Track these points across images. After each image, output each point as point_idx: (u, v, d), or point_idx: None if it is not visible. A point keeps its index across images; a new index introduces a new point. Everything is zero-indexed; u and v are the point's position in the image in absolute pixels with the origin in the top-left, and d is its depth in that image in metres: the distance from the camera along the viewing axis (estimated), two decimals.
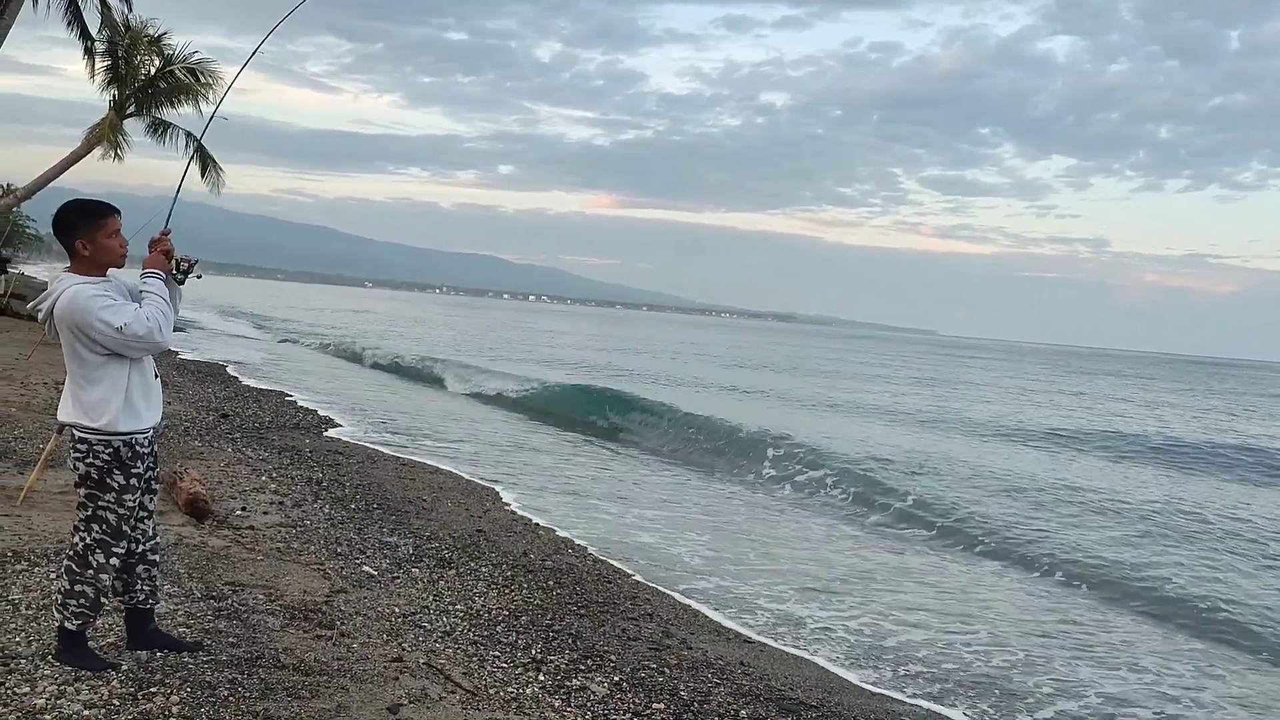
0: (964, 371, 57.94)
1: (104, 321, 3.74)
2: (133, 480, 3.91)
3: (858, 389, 35.03)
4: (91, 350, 3.80)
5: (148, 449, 3.99)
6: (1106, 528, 11.82)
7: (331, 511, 7.94)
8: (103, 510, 3.89)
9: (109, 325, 3.74)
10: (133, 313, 3.79)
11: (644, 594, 7.04)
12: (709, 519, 10.49)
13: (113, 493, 3.88)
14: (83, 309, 3.75)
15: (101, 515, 3.89)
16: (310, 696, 4.04)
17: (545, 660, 5.15)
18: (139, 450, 3.92)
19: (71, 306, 3.76)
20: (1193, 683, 6.61)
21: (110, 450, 3.85)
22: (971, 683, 6.15)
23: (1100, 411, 32.49)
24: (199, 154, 27.92)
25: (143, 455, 3.95)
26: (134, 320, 3.77)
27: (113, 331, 3.74)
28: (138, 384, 3.91)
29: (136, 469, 3.92)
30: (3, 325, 21.56)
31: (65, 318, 3.78)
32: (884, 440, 18.82)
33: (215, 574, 5.61)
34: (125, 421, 3.85)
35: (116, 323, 3.74)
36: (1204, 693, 6.44)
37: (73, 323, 3.77)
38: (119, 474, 3.87)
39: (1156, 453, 20.82)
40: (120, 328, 3.74)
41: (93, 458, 3.85)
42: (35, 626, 4.32)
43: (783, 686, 5.46)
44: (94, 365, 3.82)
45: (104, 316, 3.74)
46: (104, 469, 3.86)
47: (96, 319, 3.74)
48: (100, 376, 3.83)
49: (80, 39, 26.83)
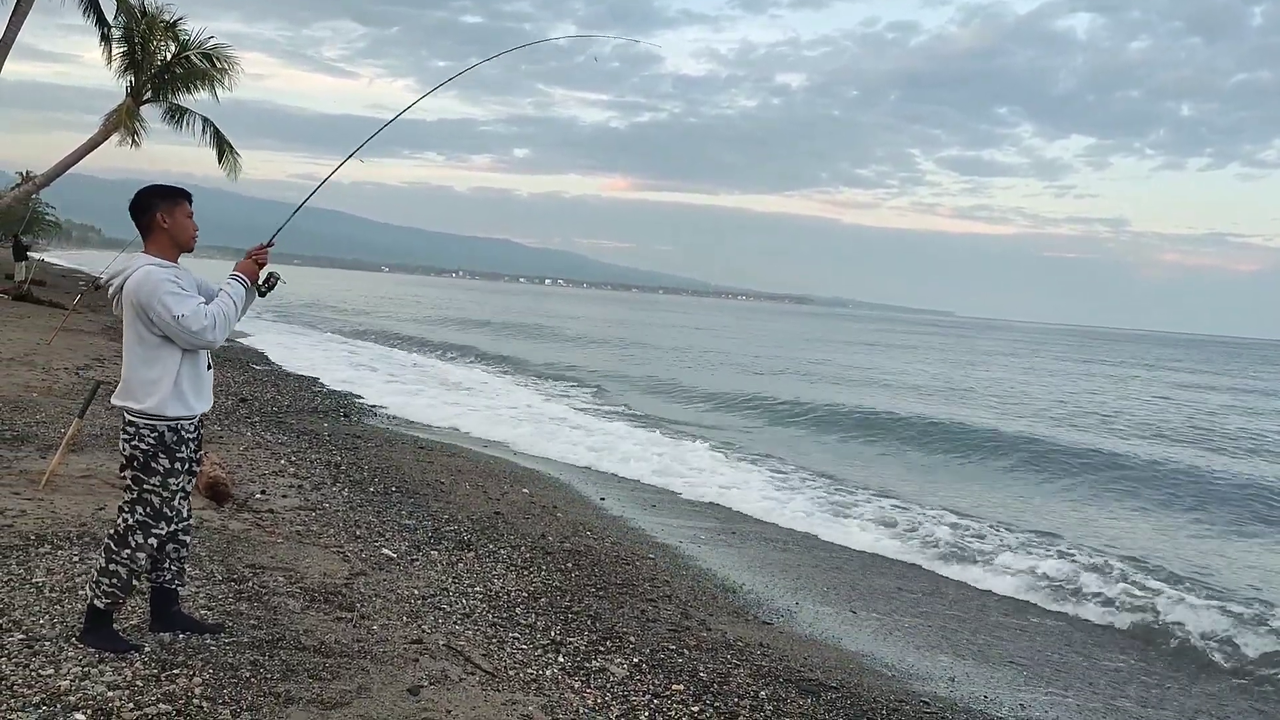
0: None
1: (165, 306, 3.83)
2: (178, 464, 3.99)
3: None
4: (150, 330, 3.89)
5: (193, 434, 4.07)
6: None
7: (350, 495, 7.97)
8: (148, 493, 3.96)
9: (168, 310, 3.83)
10: (194, 306, 3.88)
11: (662, 575, 7.04)
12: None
13: (158, 476, 3.95)
14: (150, 289, 3.85)
15: (146, 498, 3.96)
16: (331, 678, 4.07)
17: (564, 642, 5.16)
18: (184, 436, 4.00)
19: (140, 285, 3.86)
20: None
21: (155, 435, 3.92)
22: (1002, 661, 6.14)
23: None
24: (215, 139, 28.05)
25: (187, 440, 4.02)
26: (193, 314, 3.86)
27: (170, 318, 3.83)
28: (188, 372, 3.98)
29: (181, 454, 4.00)
30: (24, 311, 21.70)
31: (133, 294, 3.88)
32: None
33: (236, 557, 5.64)
34: (173, 407, 3.93)
35: (176, 310, 3.83)
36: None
37: (138, 300, 3.86)
38: (164, 458, 3.94)
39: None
40: (178, 316, 3.83)
41: (139, 441, 3.92)
42: (59, 609, 4.35)
43: (802, 668, 5.46)
44: (150, 345, 3.90)
45: (166, 301, 3.84)
46: (149, 452, 3.93)
47: (159, 301, 3.83)
48: (154, 358, 3.91)
49: (97, 26, 26.94)
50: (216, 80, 26.67)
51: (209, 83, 26.70)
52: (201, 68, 26.57)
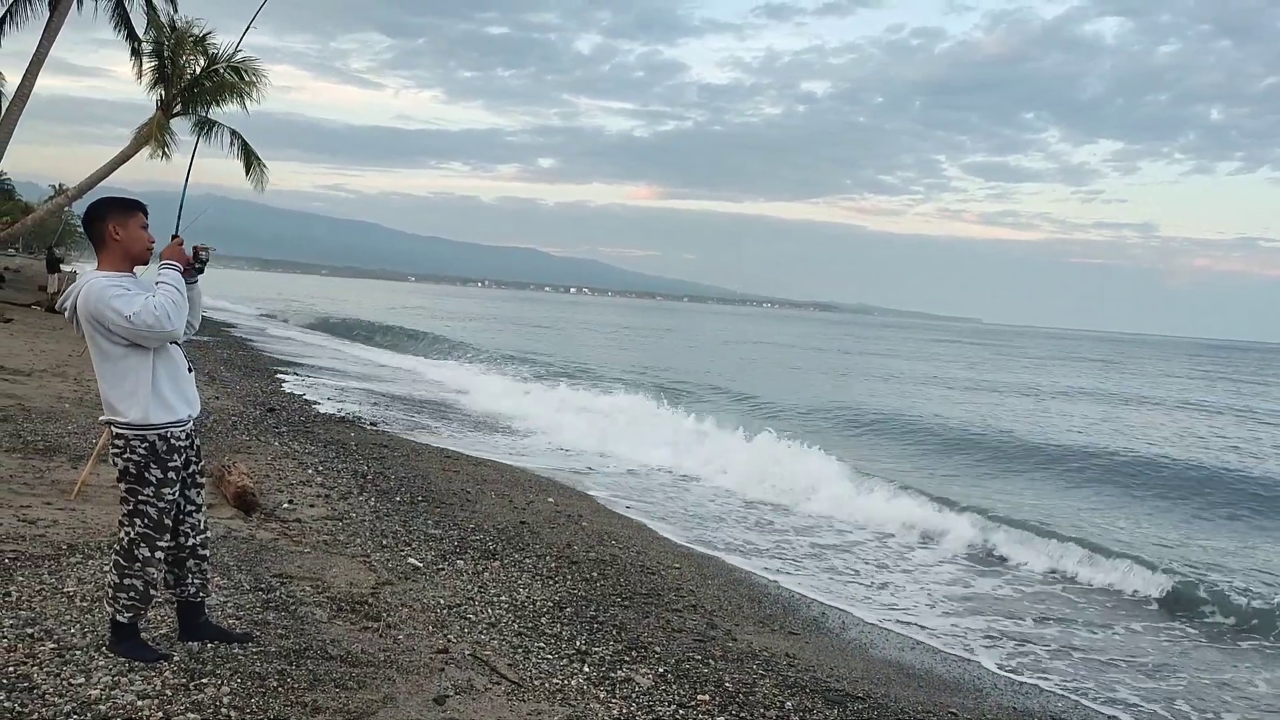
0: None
1: (115, 310, 3.81)
2: (170, 474, 3.97)
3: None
4: (111, 340, 3.88)
5: (185, 442, 4.04)
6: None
7: (377, 504, 8.01)
8: (143, 504, 3.95)
9: (119, 314, 3.81)
10: (143, 301, 3.84)
11: (688, 585, 7.02)
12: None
13: (151, 487, 3.94)
14: (96, 298, 3.83)
15: (143, 509, 3.96)
16: (357, 687, 4.08)
17: (590, 651, 5.15)
18: (174, 444, 3.98)
19: (88, 297, 3.86)
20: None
21: (146, 445, 3.91)
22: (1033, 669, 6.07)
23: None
24: (244, 151, 28.36)
25: (179, 449, 4.00)
26: (143, 309, 3.82)
27: (123, 320, 3.81)
28: (165, 375, 3.96)
29: (174, 462, 3.98)
30: (57, 323, 21.98)
31: (83, 309, 3.88)
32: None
33: (263, 566, 5.68)
34: (156, 413, 3.91)
35: (126, 311, 3.80)
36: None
37: (89, 313, 3.86)
38: (156, 468, 3.93)
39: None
40: (130, 316, 3.80)
41: (130, 453, 3.91)
42: (90, 618, 4.39)
43: (829, 678, 5.42)
44: (116, 357, 3.90)
45: (115, 305, 3.81)
46: (141, 464, 3.92)
47: (109, 307, 3.81)
48: (124, 369, 3.90)
49: (127, 40, 27.33)
50: (245, 93, 26.99)
51: (237, 95, 27.01)
52: (230, 81, 26.89)
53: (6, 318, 20.00)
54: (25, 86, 24.50)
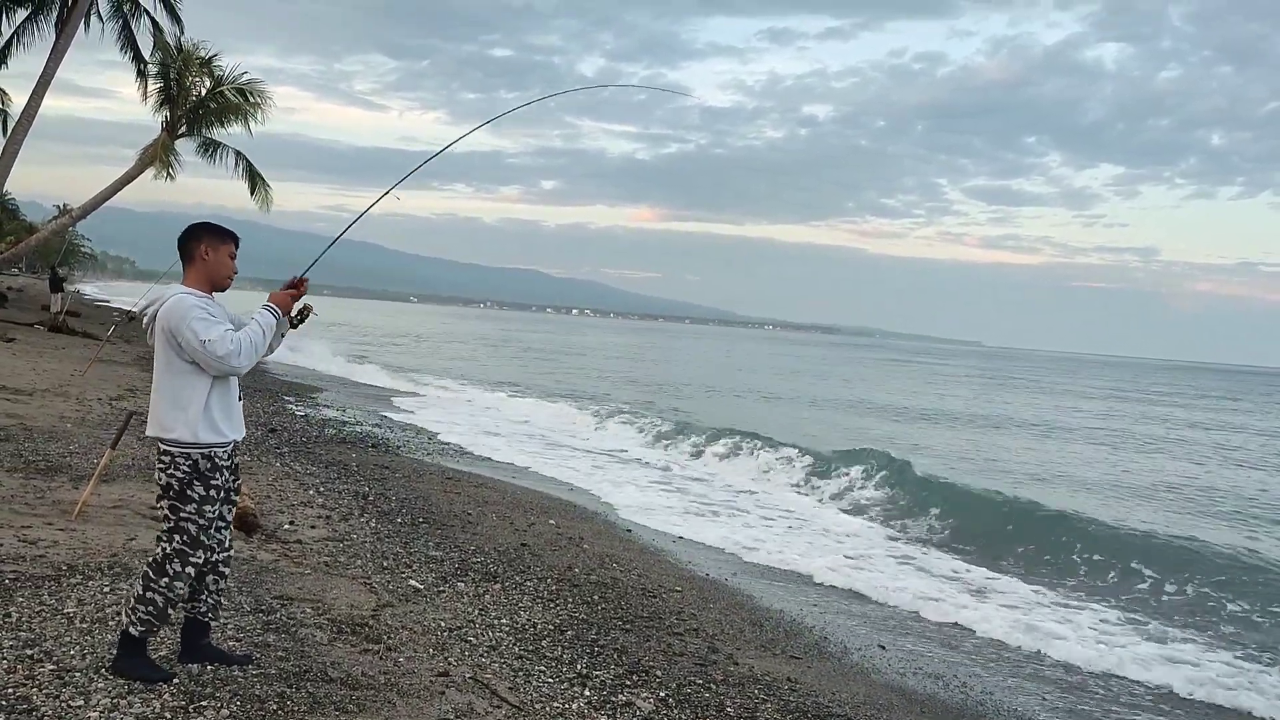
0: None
1: (193, 331, 3.90)
2: (212, 492, 4.03)
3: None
4: (180, 356, 3.96)
5: (227, 462, 4.11)
6: None
7: (378, 526, 7.99)
8: (184, 521, 4.00)
9: (196, 335, 3.89)
10: (221, 331, 3.94)
11: (689, 608, 6.99)
12: None
13: (193, 504, 3.99)
14: (180, 314, 3.92)
15: (183, 526, 4.00)
16: (357, 710, 4.06)
17: (590, 675, 5.12)
18: (218, 463, 4.05)
19: (172, 311, 3.95)
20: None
21: (190, 463, 3.97)
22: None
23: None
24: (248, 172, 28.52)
25: (222, 468, 4.07)
26: (219, 339, 3.91)
27: (197, 343, 3.89)
28: (218, 400, 4.04)
29: (216, 481, 4.04)
30: (60, 342, 22.04)
31: (164, 320, 3.96)
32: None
33: (264, 588, 5.66)
34: (205, 433, 3.98)
35: (203, 336, 3.90)
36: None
37: (169, 326, 3.94)
38: (199, 485, 3.99)
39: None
40: (205, 341, 3.89)
41: (174, 469, 3.97)
42: (89, 640, 4.38)
43: (831, 704, 5.39)
44: (179, 372, 3.97)
45: (194, 326, 3.90)
46: (185, 480, 3.97)
47: (188, 326, 3.90)
48: (183, 385, 3.97)
49: (133, 62, 27.55)
50: (249, 114, 27.18)
51: (242, 117, 27.20)
52: (235, 102, 27.09)
53: (9, 337, 20.05)
54: (31, 107, 24.67)
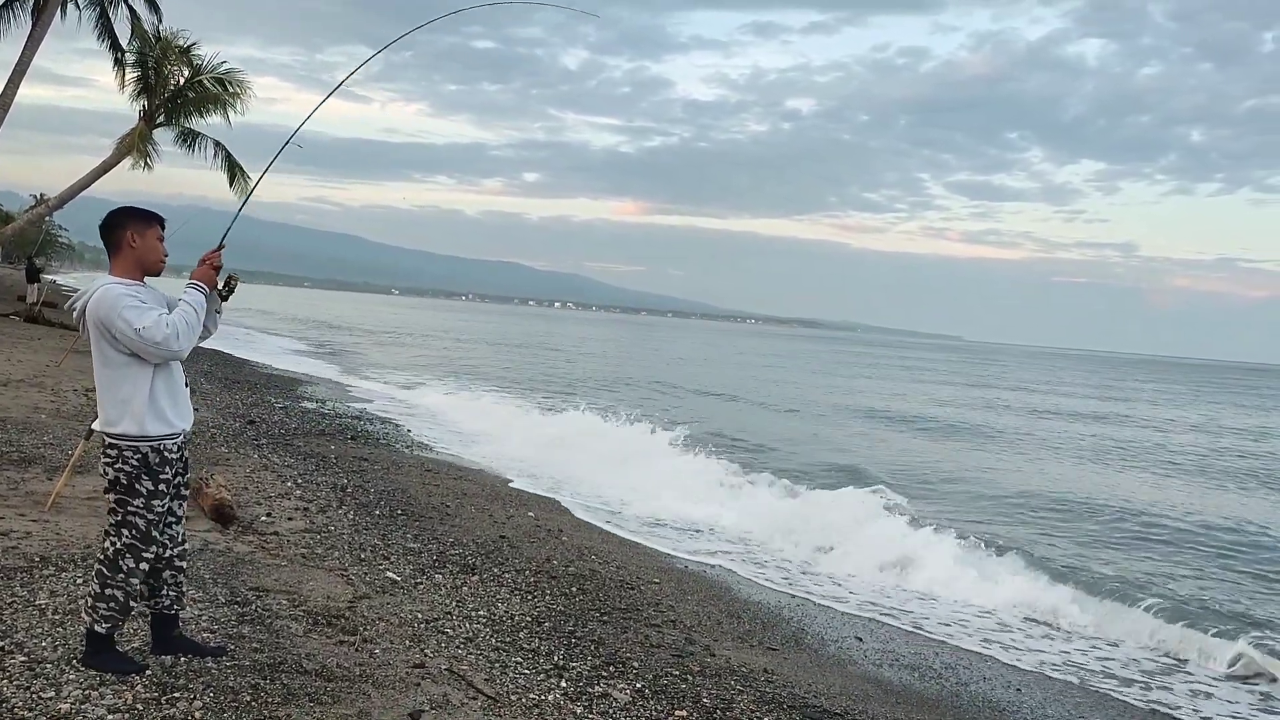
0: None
1: (125, 320, 3.79)
2: (161, 486, 3.95)
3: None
4: (115, 348, 3.85)
5: (176, 455, 4.02)
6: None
7: (356, 517, 7.97)
8: (132, 515, 3.92)
9: (129, 325, 3.79)
10: (155, 317, 3.83)
11: (667, 600, 7.01)
12: None
13: (141, 498, 3.92)
14: (109, 305, 3.81)
15: (131, 520, 3.93)
16: (332, 702, 4.05)
17: (567, 667, 5.13)
18: (167, 456, 3.96)
19: (100, 302, 3.84)
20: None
21: (139, 456, 3.89)
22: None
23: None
24: (227, 163, 28.30)
25: (171, 461, 3.98)
26: (154, 325, 3.80)
27: (131, 332, 3.79)
28: (163, 389, 3.94)
29: (164, 475, 3.96)
30: (35, 333, 21.84)
31: (93, 314, 3.85)
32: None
33: (240, 579, 5.64)
34: (152, 425, 3.89)
35: (136, 324, 3.79)
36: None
37: (98, 319, 3.83)
38: (147, 480, 3.91)
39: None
40: (139, 329, 3.78)
41: (121, 463, 3.89)
42: (61, 631, 4.35)
43: (807, 694, 5.42)
44: (117, 365, 3.87)
45: (126, 315, 3.79)
46: (133, 474, 3.89)
47: (119, 316, 3.79)
48: (123, 377, 3.87)
49: (111, 50, 27.27)
50: (229, 104, 26.94)
51: (221, 107, 26.96)
52: (214, 92, 26.84)
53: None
54: (7, 96, 24.38)
